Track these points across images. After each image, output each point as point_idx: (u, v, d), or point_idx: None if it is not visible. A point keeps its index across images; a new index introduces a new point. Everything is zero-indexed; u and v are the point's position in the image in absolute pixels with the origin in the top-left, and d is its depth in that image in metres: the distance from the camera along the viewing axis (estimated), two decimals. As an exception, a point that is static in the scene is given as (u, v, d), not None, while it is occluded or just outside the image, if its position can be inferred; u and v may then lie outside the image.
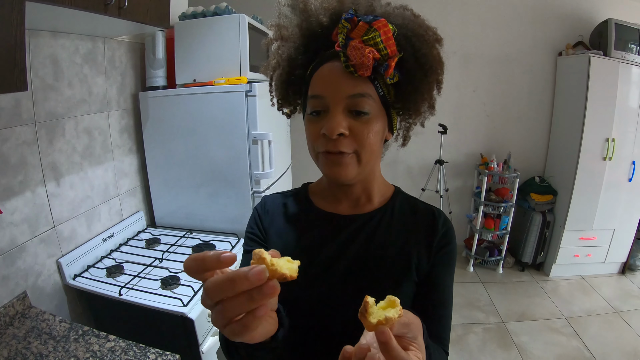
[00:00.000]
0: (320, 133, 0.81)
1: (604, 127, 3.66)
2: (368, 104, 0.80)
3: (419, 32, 0.81)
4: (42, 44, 1.71)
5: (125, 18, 1.58)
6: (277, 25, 0.92)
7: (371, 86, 0.80)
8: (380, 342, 0.53)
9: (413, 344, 0.60)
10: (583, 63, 3.60)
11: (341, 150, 0.80)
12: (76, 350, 1.37)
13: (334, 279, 0.88)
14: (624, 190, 3.87)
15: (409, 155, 4.39)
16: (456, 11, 3.97)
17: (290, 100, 0.97)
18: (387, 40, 0.77)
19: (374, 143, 0.83)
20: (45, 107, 1.73)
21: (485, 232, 4.14)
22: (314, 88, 0.83)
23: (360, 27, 0.77)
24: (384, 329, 0.53)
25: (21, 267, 1.63)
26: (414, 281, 0.89)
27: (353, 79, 0.79)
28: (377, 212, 0.95)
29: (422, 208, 0.97)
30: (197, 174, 2.31)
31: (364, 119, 0.81)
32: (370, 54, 0.75)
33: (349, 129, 0.80)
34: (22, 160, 1.63)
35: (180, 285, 1.75)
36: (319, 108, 0.83)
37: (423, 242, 0.91)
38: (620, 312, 3.47)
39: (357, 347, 0.55)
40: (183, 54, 2.24)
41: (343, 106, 0.80)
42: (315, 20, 0.85)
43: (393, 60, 0.78)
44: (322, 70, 0.82)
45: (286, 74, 0.92)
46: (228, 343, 0.78)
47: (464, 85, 4.18)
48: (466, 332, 3.21)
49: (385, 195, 0.99)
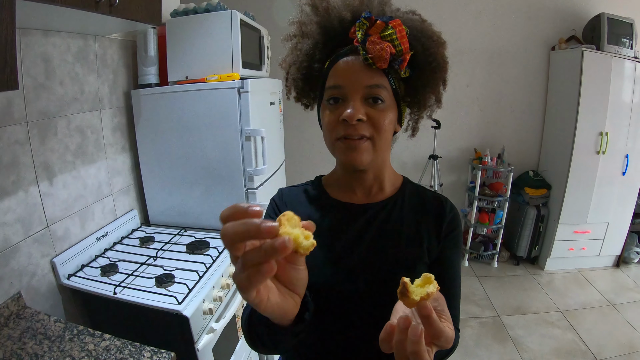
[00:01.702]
0: (340, 119, 0.87)
1: (598, 121, 3.68)
2: (383, 93, 0.88)
3: (428, 33, 0.91)
4: (33, 43, 1.70)
5: (117, 15, 1.57)
6: (300, 22, 0.99)
7: (385, 79, 0.88)
8: (423, 315, 0.58)
9: (443, 315, 0.64)
10: (576, 57, 3.62)
11: (361, 133, 0.87)
12: (71, 349, 1.37)
13: (351, 265, 0.94)
14: (617, 184, 3.89)
15: (403, 150, 4.39)
16: (449, 6, 3.97)
17: (306, 93, 1.05)
18: (402, 38, 0.86)
19: (388, 130, 0.90)
20: (37, 106, 1.72)
21: (480, 226, 4.16)
22: (333, 79, 0.90)
23: (378, 25, 0.86)
24: (426, 303, 0.58)
25: (15, 267, 1.62)
26: (426, 263, 0.96)
27: (370, 71, 0.87)
28: (389, 201, 1.01)
29: (430, 196, 1.04)
30: (190, 171, 2.31)
31: (380, 107, 0.88)
32: (388, 48, 0.84)
33: (366, 115, 0.87)
34: (15, 160, 1.62)
35: (175, 283, 1.74)
36: (337, 96, 0.89)
37: (433, 227, 0.98)
38: (615, 305, 3.50)
39: (402, 319, 0.59)
40: (175, 51, 2.23)
41: (361, 95, 0.87)
42: (336, 18, 0.93)
43: (407, 55, 0.87)
44: (341, 64, 0.90)
45: (304, 68, 0.99)
46: (250, 330, 0.83)
47: (457, 80, 4.17)
48: (462, 326, 3.20)
49: (395, 185, 1.05)
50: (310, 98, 1.06)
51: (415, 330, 0.57)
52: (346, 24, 0.93)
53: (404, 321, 0.59)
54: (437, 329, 0.59)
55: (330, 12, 0.93)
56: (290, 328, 0.70)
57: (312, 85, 1.01)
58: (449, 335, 0.61)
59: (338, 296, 0.93)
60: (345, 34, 0.92)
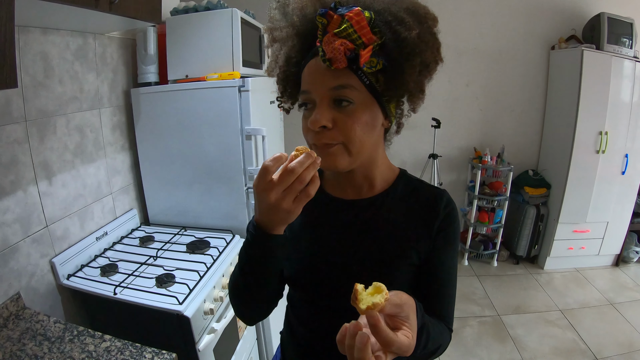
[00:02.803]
0: (308, 127, 0.85)
1: (597, 121, 3.68)
2: (352, 94, 0.82)
3: (400, 15, 0.81)
4: (32, 41, 1.68)
5: (116, 13, 1.55)
6: (270, 29, 0.95)
7: (354, 77, 0.81)
8: (370, 324, 0.60)
9: (405, 323, 0.66)
10: (576, 57, 3.61)
11: (325, 142, 0.84)
12: (72, 351, 1.36)
13: (336, 259, 0.95)
14: (617, 183, 3.90)
15: (403, 149, 4.39)
16: (449, 5, 3.96)
17: (289, 97, 1.00)
18: (361, 30, 0.77)
19: (362, 133, 0.84)
20: (36, 104, 1.71)
21: (480, 225, 4.16)
22: (303, 84, 0.87)
23: (335, 20, 0.77)
24: (373, 313, 0.60)
25: (14, 267, 1.61)
26: (414, 263, 0.94)
27: (334, 72, 0.80)
28: (377, 197, 0.99)
29: (424, 190, 1.00)
30: (190, 170, 2.29)
31: (349, 110, 0.83)
32: (341, 46, 0.77)
33: (334, 120, 0.83)
34: (13, 159, 1.61)
35: (176, 283, 1.73)
36: (307, 101, 0.87)
37: (423, 224, 0.95)
38: (615, 304, 3.50)
39: (352, 325, 0.62)
40: (175, 49, 2.22)
41: (327, 99, 0.83)
42: (304, 18, 0.88)
43: (366, 50, 0.78)
44: (309, 67, 0.86)
45: (283, 72, 0.94)
46: (245, 264, 0.88)
47: (457, 79, 4.18)
48: (462, 326, 3.22)
49: (388, 180, 1.02)
50: (296, 101, 1.00)
51: (362, 338, 0.60)
52: (310, 23, 0.87)
53: (354, 327, 0.62)
54: (385, 338, 0.60)
55: (299, 13, 0.88)
56: (280, 238, 0.81)
57: (294, 88, 0.97)
58: (402, 344, 0.62)
59: (321, 288, 0.97)
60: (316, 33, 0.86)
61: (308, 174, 0.72)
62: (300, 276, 0.99)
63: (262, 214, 0.77)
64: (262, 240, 0.80)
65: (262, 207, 0.76)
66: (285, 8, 0.91)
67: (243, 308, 1.00)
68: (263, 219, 0.78)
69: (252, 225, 0.82)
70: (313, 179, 0.74)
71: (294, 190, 0.72)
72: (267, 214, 0.76)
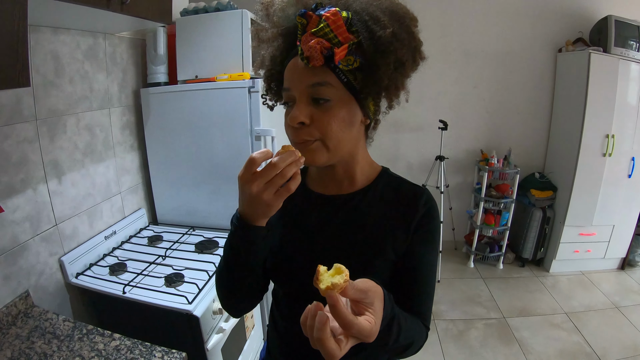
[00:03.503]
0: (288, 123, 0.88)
1: (604, 124, 3.65)
2: (329, 91, 0.84)
3: (376, 14, 0.83)
4: (43, 40, 1.69)
5: (127, 13, 1.56)
6: (255, 30, 0.99)
7: (331, 75, 0.84)
8: (330, 305, 0.61)
9: (369, 309, 0.67)
10: (583, 59, 3.59)
11: (303, 138, 0.87)
12: (81, 349, 1.36)
13: (314, 253, 0.98)
14: (623, 187, 3.87)
15: (410, 151, 4.39)
16: (456, 7, 3.94)
17: (274, 94, 1.03)
18: (337, 29, 0.80)
19: (339, 129, 0.87)
20: (47, 103, 1.72)
21: (486, 228, 4.14)
22: (284, 81, 0.90)
23: (313, 20, 0.82)
24: (332, 293, 0.60)
25: (23, 266, 1.62)
26: (391, 259, 0.95)
27: (312, 70, 0.83)
28: (357, 194, 1.01)
29: (405, 188, 1.02)
30: (199, 170, 2.30)
31: (326, 106, 0.85)
32: (317, 45, 0.80)
33: (311, 117, 0.86)
34: (24, 158, 1.62)
35: (185, 282, 1.74)
36: (287, 100, 0.90)
37: (401, 221, 0.96)
38: (620, 308, 3.48)
39: (313, 305, 0.65)
40: (185, 50, 2.23)
41: (306, 96, 0.86)
42: (287, 18, 0.92)
43: (341, 48, 0.80)
44: (289, 65, 0.89)
45: (268, 71, 0.99)
46: (228, 255, 0.92)
47: (464, 81, 4.16)
48: (467, 328, 3.21)
49: (370, 177, 1.04)
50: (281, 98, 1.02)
51: (321, 317, 0.61)
52: (291, 24, 0.91)
53: (315, 307, 0.64)
54: (344, 319, 0.61)
55: (281, 14, 0.92)
56: (263, 230, 0.85)
57: (278, 86, 1.00)
58: (362, 327, 0.63)
59: (298, 281, 0.99)
60: None
61: (290, 170, 0.76)
62: (279, 269, 1.02)
63: (244, 205, 0.82)
64: (244, 231, 0.84)
65: (244, 197, 0.80)
66: (269, 9, 0.94)
67: (227, 298, 1.04)
68: (245, 210, 0.82)
69: (235, 217, 0.86)
70: (294, 175, 0.78)
71: (275, 184, 0.76)
72: (249, 206, 0.81)
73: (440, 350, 2.97)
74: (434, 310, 3.29)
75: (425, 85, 3.98)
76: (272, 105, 1.06)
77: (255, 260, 0.91)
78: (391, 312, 0.75)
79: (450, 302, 3.59)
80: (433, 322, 3.24)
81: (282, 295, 1.10)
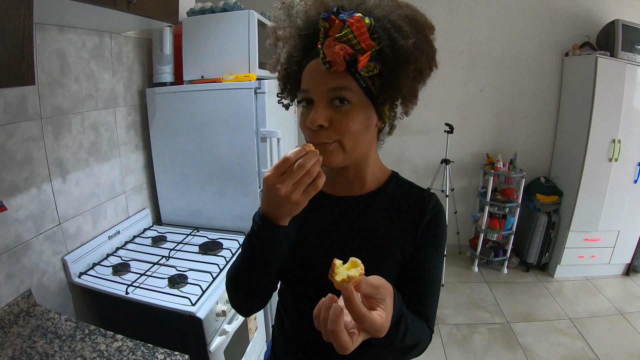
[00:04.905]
0: (306, 124, 0.88)
1: (610, 128, 3.64)
2: (348, 95, 0.85)
3: (398, 23, 0.84)
4: (49, 39, 1.69)
5: (134, 13, 1.55)
6: (274, 28, 0.99)
7: (351, 79, 0.84)
8: (344, 297, 0.63)
9: (380, 305, 0.68)
10: (590, 64, 3.58)
11: (321, 141, 0.87)
12: (82, 350, 1.35)
13: (323, 254, 0.97)
14: (629, 192, 3.85)
15: (415, 154, 4.39)
16: (463, 11, 3.95)
17: (289, 93, 1.05)
18: (361, 36, 0.80)
19: (357, 131, 0.88)
20: (52, 102, 1.71)
21: (491, 232, 4.13)
22: (303, 83, 0.91)
23: (336, 25, 0.81)
24: (347, 285, 0.63)
25: (26, 264, 1.61)
26: (398, 261, 0.97)
27: (333, 74, 0.84)
28: (367, 196, 1.03)
29: (414, 192, 1.04)
30: (204, 171, 2.29)
31: (345, 109, 0.86)
32: (341, 51, 0.80)
33: (330, 120, 0.86)
34: (28, 156, 1.61)
35: (188, 284, 1.73)
36: (306, 99, 0.90)
37: (410, 224, 0.98)
38: (625, 314, 3.46)
39: (327, 297, 0.66)
40: (191, 50, 2.22)
41: (325, 99, 0.86)
42: (307, 20, 0.92)
43: (364, 55, 0.81)
44: (309, 67, 0.89)
45: (284, 70, 0.99)
46: (248, 256, 0.91)
47: (470, 84, 4.16)
48: (471, 332, 3.20)
49: (380, 180, 1.06)
50: (295, 97, 1.04)
51: (335, 309, 0.62)
52: (317, 25, 0.89)
53: (329, 299, 0.65)
54: (358, 312, 0.63)
55: (302, 15, 0.92)
56: (286, 229, 0.85)
57: (294, 86, 1.02)
58: (375, 321, 0.64)
59: (307, 281, 1.00)
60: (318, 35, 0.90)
61: (315, 168, 0.78)
62: (289, 269, 1.02)
63: (269, 206, 0.82)
64: (269, 231, 0.84)
65: (271, 199, 0.79)
66: (289, 10, 0.94)
67: (240, 298, 1.03)
68: (270, 210, 0.82)
69: (258, 216, 0.86)
70: (319, 173, 0.80)
71: (303, 183, 0.77)
72: (276, 206, 0.80)
73: (444, 355, 2.95)
74: (438, 315, 3.27)
75: (431, 88, 3.88)
76: (287, 105, 1.08)
77: (275, 260, 0.91)
78: (399, 311, 0.77)
79: (454, 306, 3.57)
80: (437, 326, 3.23)
81: (289, 295, 1.10)
